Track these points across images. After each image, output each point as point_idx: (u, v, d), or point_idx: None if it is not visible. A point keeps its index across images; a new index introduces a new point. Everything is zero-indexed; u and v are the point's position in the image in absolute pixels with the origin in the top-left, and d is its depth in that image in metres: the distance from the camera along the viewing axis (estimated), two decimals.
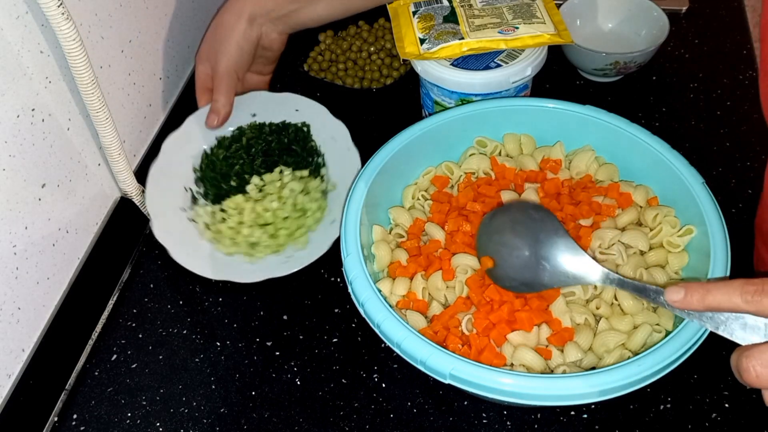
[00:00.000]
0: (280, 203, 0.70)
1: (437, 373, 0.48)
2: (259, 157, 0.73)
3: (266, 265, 0.67)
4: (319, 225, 0.70)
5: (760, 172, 0.73)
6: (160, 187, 0.71)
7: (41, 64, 0.57)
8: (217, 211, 0.71)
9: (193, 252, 0.68)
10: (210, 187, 0.73)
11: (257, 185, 0.72)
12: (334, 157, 0.74)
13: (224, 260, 0.68)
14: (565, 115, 0.65)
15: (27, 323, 0.60)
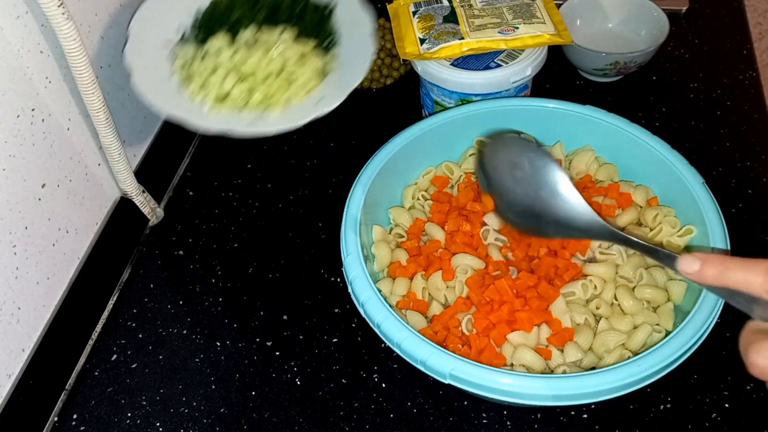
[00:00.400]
0: (265, 58, 0.64)
1: (437, 373, 0.48)
2: (264, 11, 0.67)
3: (228, 117, 0.62)
4: (303, 100, 0.64)
5: (760, 172, 0.73)
6: (152, 20, 0.67)
7: (41, 64, 0.57)
8: (199, 52, 0.66)
9: (157, 86, 0.63)
10: (202, 28, 0.68)
11: (250, 37, 0.66)
12: (347, 44, 0.68)
13: (186, 102, 0.63)
14: (565, 115, 0.65)
15: (27, 323, 0.60)
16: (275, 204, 0.76)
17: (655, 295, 0.55)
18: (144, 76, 0.62)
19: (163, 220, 0.76)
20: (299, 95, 0.64)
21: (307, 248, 0.72)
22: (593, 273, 0.56)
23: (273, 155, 0.81)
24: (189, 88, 0.63)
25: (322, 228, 0.73)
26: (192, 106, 0.62)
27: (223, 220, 0.75)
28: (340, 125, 0.83)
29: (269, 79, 0.63)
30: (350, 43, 0.67)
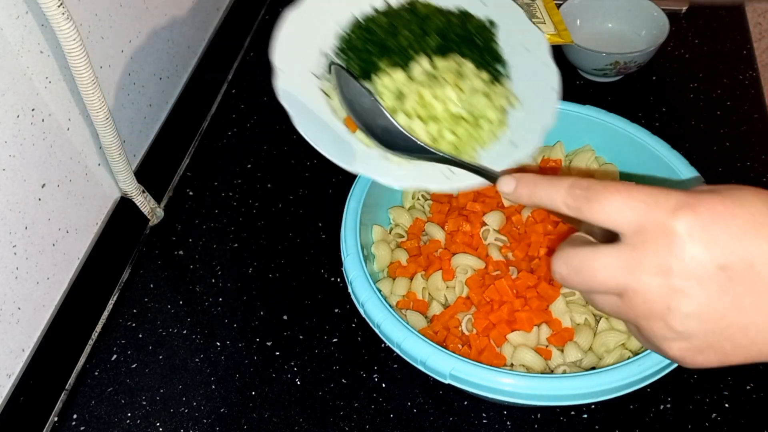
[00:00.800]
0: (450, 96, 0.51)
1: (437, 373, 0.48)
2: (434, 37, 0.54)
3: (417, 170, 0.50)
4: (494, 145, 0.53)
5: (760, 172, 0.73)
6: (294, 38, 0.54)
7: (41, 64, 0.57)
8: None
9: (321, 128, 0.52)
10: (356, 58, 0.55)
11: (427, 70, 0.53)
12: (523, 72, 0.56)
13: (362, 150, 0.51)
14: (565, 115, 0.65)
15: (27, 323, 0.60)
16: (275, 204, 0.76)
17: None
18: (306, 121, 0.52)
19: (163, 220, 0.76)
20: (489, 139, 0.53)
21: (307, 248, 0.72)
22: None
23: (273, 155, 0.81)
24: (362, 137, 0.52)
25: (322, 228, 0.73)
26: (372, 161, 0.51)
27: (223, 220, 0.75)
28: None
29: (457, 122, 0.52)
30: (523, 67, 0.56)
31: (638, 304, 0.32)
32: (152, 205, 0.74)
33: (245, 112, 0.87)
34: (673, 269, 0.31)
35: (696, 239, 0.30)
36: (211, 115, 0.87)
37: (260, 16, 1.00)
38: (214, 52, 0.89)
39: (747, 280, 0.30)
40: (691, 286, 0.31)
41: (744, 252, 0.30)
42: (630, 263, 0.32)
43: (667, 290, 0.31)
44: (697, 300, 0.31)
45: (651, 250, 0.31)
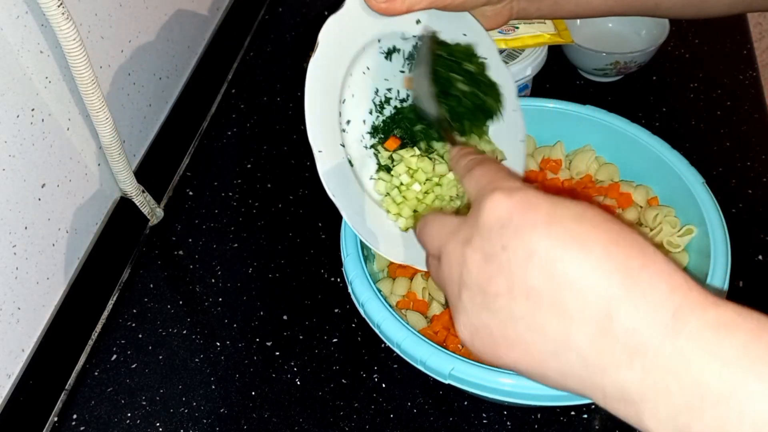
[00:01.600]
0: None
1: (437, 373, 0.48)
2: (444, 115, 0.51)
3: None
4: None
5: (760, 172, 0.73)
6: (320, 102, 0.52)
7: (41, 64, 0.57)
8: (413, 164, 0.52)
9: (377, 224, 0.50)
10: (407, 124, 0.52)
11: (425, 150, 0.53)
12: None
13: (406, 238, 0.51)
14: (565, 115, 0.65)
15: (27, 323, 0.60)
16: (275, 204, 0.76)
17: None
18: (350, 205, 0.51)
19: (163, 220, 0.76)
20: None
21: (307, 248, 0.72)
22: None
23: (273, 155, 0.81)
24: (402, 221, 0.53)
25: (322, 228, 0.73)
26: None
27: (223, 220, 0.75)
28: None
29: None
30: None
31: (444, 267, 0.35)
32: (152, 205, 0.74)
33: (245, 112, 0.87)
34: (472, 240, 0.33)
35: (495, 218, 0.32)
36: (210, 115, 0.87)
37: (260, 16, 1.00)
38: (214, 52, 0.89)
39: (521, 268, 0.30)
40: (474, 260, 0.32)
41: (530, 243, 0.30)
42: (454, 229, 0.35)
43: (462, 258, 0.33)
44: (476, 272, 0.32)
45: (469, 221, 0.34)
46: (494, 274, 0.31)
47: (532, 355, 0.31)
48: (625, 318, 0.28)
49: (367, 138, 0.54)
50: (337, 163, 0.53)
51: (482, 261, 0.32)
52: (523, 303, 0.30)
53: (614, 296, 0.28)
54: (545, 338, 0.30)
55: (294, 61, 0.89)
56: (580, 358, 0.29)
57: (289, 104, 0.87)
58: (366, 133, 0.54)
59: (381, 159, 0.54)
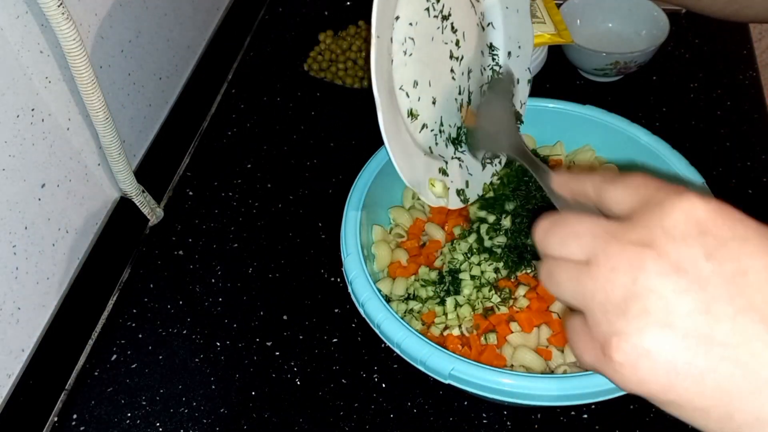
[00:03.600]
0: None
1: (437, 373, 0.48)
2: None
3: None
4: None
5: (760, 172, 0.73)
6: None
7: (41, 64, 0.57)
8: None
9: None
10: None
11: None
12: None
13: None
14: (565, 115, 0.65)
15: (27, 323, 0.60)
16: (275, 204, 0.76)
17: None
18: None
19: (163, 220, 0.76)
20: None
21: (307, 248, 0.72)
22: None
23: (273, 155, 0.81)
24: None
25: (322, 228, 0.73)
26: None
27: (223, 220, 0.75)
28: (340, 125, 0.83)
29: None
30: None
31: (602, 271, 0.28)
32: (152, 205, 0.74)
33: (245, 112, 0.87)
34: (656, 244, 0.27)
35: (692, 221, 0.27)
36: (210, 115, 0.87)
37: (260, 16, 1.00)
38: (214, 52, 0.89)
39: (730, 285, 0.26)
40: (659, 267, 0.26)
41: (741, 257, 0.26)
42: (617, 229, 0.28)
43: (638, 263, 0.27)
44: (660, 283, 0.26)
45: (642, 222, 0.28)
46: (690, 287, 0.26)
47: (724, 390, 0.26)
48: None
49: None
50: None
51: (672, 269, 0.26)
52: (725, 326, 0.25)
53: None
54: (751, 372, 0.25)
55: (292, 60, 0.89)
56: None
57: (289, 104, 0.87)
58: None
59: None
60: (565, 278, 0.30)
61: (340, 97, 0.86)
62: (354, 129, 0.82)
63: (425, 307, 0.56)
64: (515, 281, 0.56)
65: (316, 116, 0.85)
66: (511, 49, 0.62)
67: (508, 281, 0.56)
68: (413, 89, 0.51)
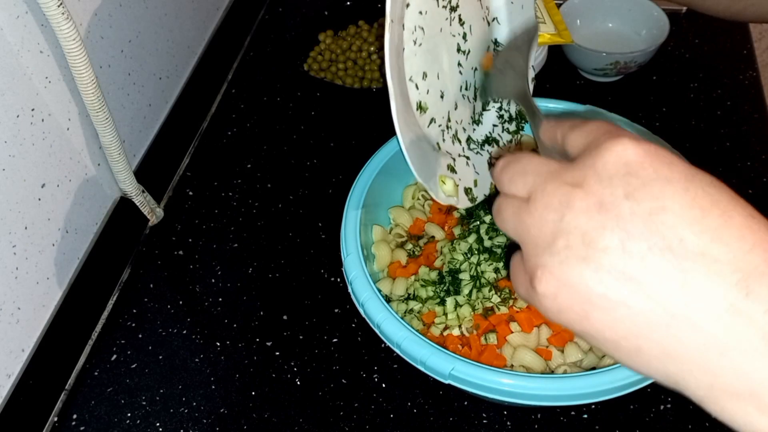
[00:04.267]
0: None
1: (437, 373, 0.48)
2: None
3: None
4: None
5: (761, 171, 0.73)
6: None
7: (41, 64, 0.57)
8: None
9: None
10: None
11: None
12: None
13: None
14: (565, 115, 0.65)
15: (27, 323, 0.60)
16: (275, 204, 0.76)
17: None
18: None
19: (163, 220, 0.76)
20: None
21: (307, 248, 0.72)
22: None
23: (273, 155, 0.81)
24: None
25: (322, 228, 0.73)
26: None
27: (223, 220, 0.75)
28: (340, 125, 0.83)
29: None
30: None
31: (537, 207, 0.30)
32: (152, 205, 0.74)
33: (245, 112, 0.87)
34: (585, 183, 0.28)
35: (621, 162, 0.28)
36: (210, 115, 0.87)
37: (260, 16, 1.00)
38: (214, 52, 0.89)
39: (645, 223, 0.27)
40: (584, 204, 0.28)
41: (662, 197, 0.27)
42: (557, 170, 0.30)
43: (567, 200, 0.29)
44: (584, 219, 0.28)
45: (579, 164, 0.30)
46: (608, 224, 0.27)
47: (634, 323, 0.27)
48: (766, 298, 0.25)
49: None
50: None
51: (595, 207, 0.28)
52: (638, 262, 0.27)
53: (756, 272, 0.25)
54: (659, 306, 0.26)
55: (292, 60, 0.89)
56: (698, 335, 0.26)
57: (289, 104, 0.87)
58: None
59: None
60: (509, 213, 0.32)
61: (340, 97, 0.86)
62: (354, 129, 0.82)
63: (425, 307, 0.56)
64: None
65: (316, 116, 0.85)
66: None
67: (508, 281, 0.56)
68: (422, 81, 0.51)
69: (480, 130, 0.60)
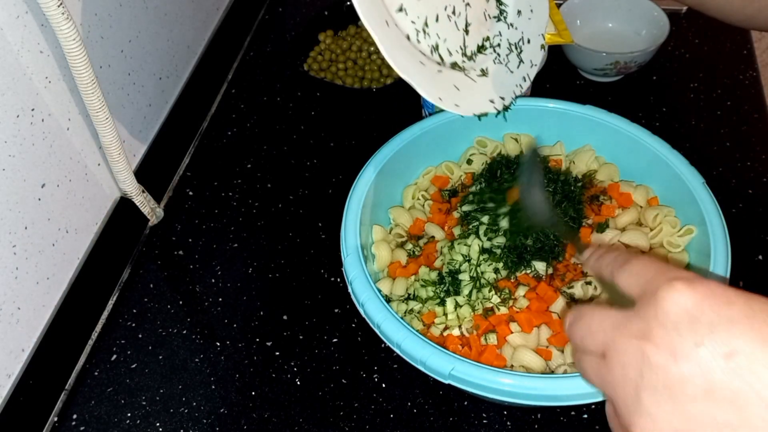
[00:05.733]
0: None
1: (437, 373, 0.48)
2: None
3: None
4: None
5: (760, 172, 0.73)
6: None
7: (41, 64, 0.57)
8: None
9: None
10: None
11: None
12: None
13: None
14: (565, 115, 0.65)
15: (27, 323, 0.60)
16: (275, 204, 0.76)
17: None
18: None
19: (163, 220, 0.76)
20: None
21: (307, 248, 0.72)
22: None
23: (273, 155, 0.81)
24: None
25: (322, 228, 0.73)
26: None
27: (223, 220, 0.75)
28: (340, 125, 0.83)
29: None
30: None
31: (615, 366, 0.31)
32: (152, 205, 0.74)
33: (245, 112, 0.87)
34: (652, 335, 0.30)
35: (681, 310, 0.29)
36: (210, 115, 0.87)
37: (260, 16, 1.00)
38: (214, 52, 0.89)
39: (722, 369, 0.28)
40: (659, 358, 0.29)
41: (730, 340, 0.28)
42: (621, 322, 0.31)
43: (641, 356, 0.30)
44: (662, 373, 0.29)
45: (640, 313, 0.31)
46: (688, 375, 0.28)
47: None
48: None
49: None
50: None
51: (670, 359, 0.29)
52: (726, 408, 0.28)
53: None
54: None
55: (292, 60, 0.89)
56: None
57: (289, 104, 0.87)
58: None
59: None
60: (589, 369, 0.34)
61: (340, 97, 0.86)
62: (354, 129, 0.82)
63: (425, 308, 0.56)
64: (515, 281, 0.56)
65: (316, 116, 0.85)
66: (521, 8, 0.63)
67: (508, 281, 0.56)
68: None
69: (471, 65, 0.60)
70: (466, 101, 0.56)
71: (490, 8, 0.61)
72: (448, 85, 0.56)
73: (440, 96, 0.54)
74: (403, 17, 0.54)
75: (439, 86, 0.55)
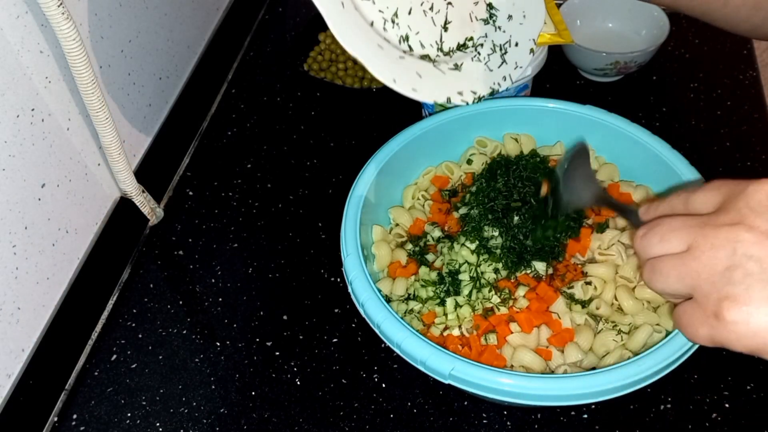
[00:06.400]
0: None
1: (437, 373, 0.48)
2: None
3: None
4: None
5: (761, 172, 0.73)
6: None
7: (41, 64, 0.57)
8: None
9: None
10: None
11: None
12: None
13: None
14: (565, 115, 0.65)
15: (27, 323, 0.60)
16: (275, 204, 0.76)
17: (656, 295, 0.55)
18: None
19: (163, 220, 0.76)
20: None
21: (307, 248, 0.72)
22: (593, 273, 0.56)
23: (273, 155, 0.81)
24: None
25: (322, 228, 0.73)
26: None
27: (223, 220, 0.75)
28: (340, 125, 0.83)
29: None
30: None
31: (703, 251, 0.34)
32: (152, 205, 0.74)
33: (245, 112, 0.87)
34: (745, 220, 0.33)
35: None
36: (210, 115, 0.87)
37: (260, 16, 1.00)
38: (214, 52, 0.89)
39: None
40: (752, 237, 0.32)
41: None
42: (708, 218, 0.35)
43: (733, 238, 0.33)
44: (758, 248, 0.32)
45: (728, 207, 0.34)
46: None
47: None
48: None
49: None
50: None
51: (764, 237, 0.32)
52: None
53: None
54: None
55: (292, 60, 0.89)
56: None
57: (289, 104, 0.87)
58: None
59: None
60: (669, 267, 0.35)
61: (340, 97, 0.86)
62: (354, 129, 0.82)
63: (425, 308, 0.56)
64: (515, 281, 0.56)
65: (316, 116, 0.85)
66: (513, 13, 0.63)
67: (507, 281, 0.56)
68: None
69: (445, 59, 0.60)
70: (427, 88, 0.57)
71: (479, 11, 0.61)
72: (408, 71, 0.56)
73: (395, 78, 0.55)
74: (370, 5, 0.55)
75: (396, 70, 0.55)
